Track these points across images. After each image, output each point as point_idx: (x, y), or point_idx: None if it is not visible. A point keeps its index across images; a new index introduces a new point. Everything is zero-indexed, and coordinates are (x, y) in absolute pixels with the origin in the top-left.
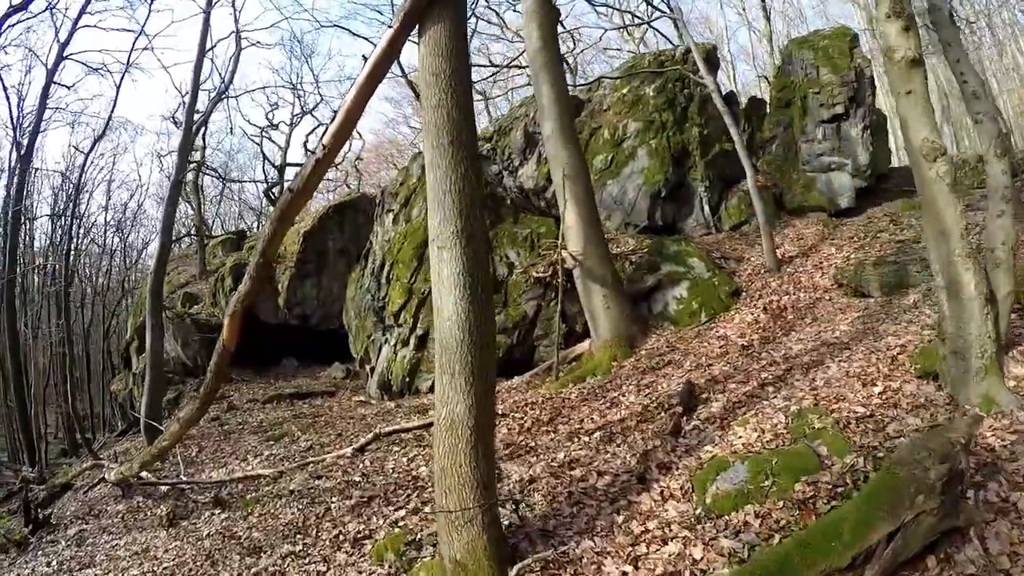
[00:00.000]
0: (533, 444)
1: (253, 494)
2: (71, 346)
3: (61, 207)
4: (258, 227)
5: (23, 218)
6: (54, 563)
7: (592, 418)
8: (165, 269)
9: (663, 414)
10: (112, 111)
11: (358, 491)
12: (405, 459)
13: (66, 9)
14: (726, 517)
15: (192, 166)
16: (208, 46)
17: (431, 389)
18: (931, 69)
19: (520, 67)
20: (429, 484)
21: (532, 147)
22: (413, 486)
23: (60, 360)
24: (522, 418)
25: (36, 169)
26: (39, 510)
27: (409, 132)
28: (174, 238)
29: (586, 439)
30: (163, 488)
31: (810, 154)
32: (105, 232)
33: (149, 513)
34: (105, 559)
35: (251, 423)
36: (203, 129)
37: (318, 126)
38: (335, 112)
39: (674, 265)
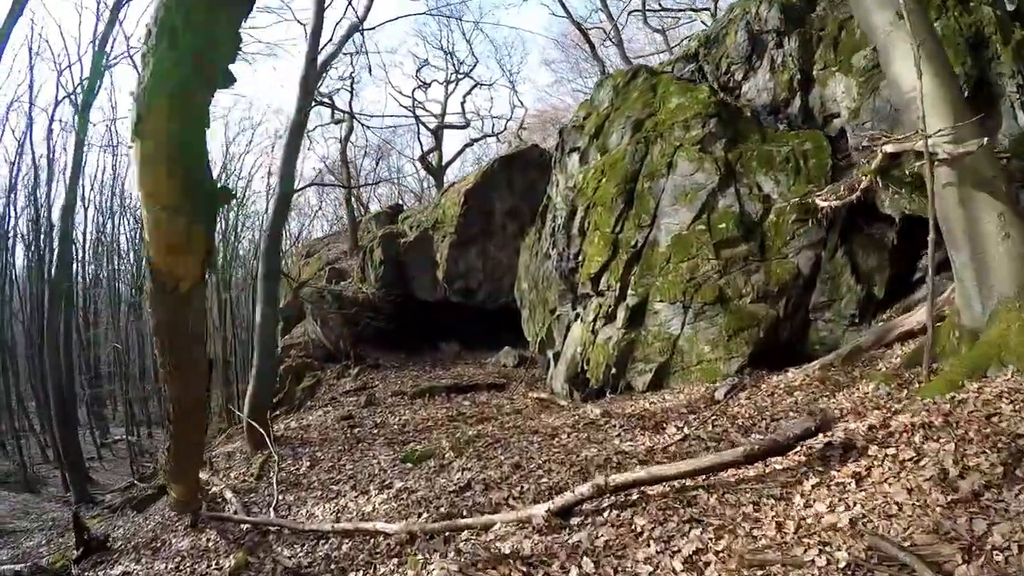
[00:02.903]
0: None
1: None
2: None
3: None
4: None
5: None
6: None
7: None
8: (284, 224)
9: None
10: None
11: None
12: (670, 560)
13: None
14: None
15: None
16: None
17: (652, 387)
18: None
19: None
20: None
21: (761, 52)
22: None
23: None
24: (916, 462)
25: None
26: (142, 508)
27: (572, 101)
28: (297, 187)
29: None
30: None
31: None
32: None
33: (212, 564)
34: None
35: (390, 426)
36: (350, 96)
37: (475, 86)
38: None
39: None
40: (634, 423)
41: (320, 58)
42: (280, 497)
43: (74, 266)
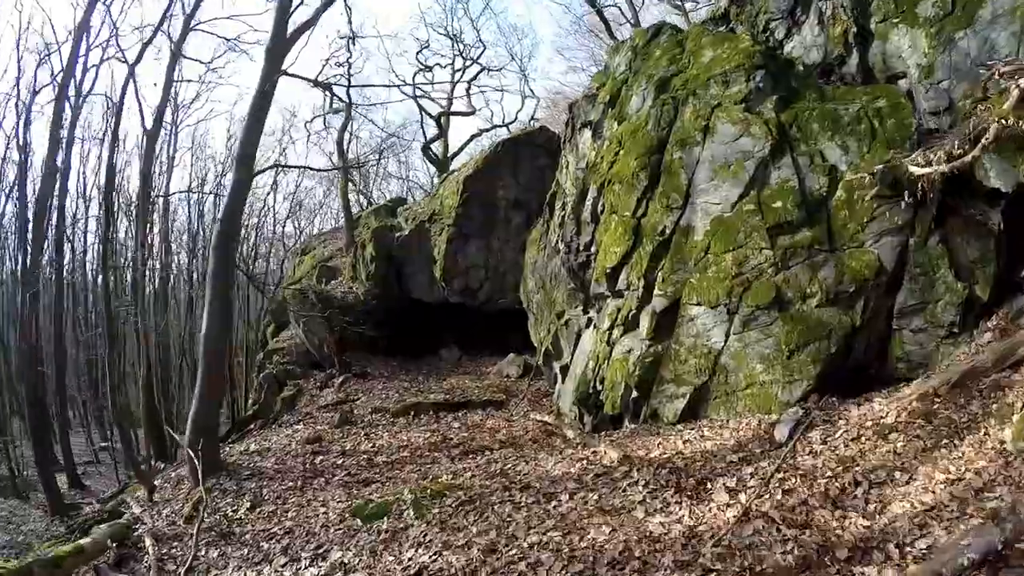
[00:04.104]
0: None
1: None
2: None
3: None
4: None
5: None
6: None
7: None
8: (241, 211)
9: None
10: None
11: None
12: None
13: None
14: None
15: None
16: None
17: (685, 417)
18: None
19: None
20: None
21: (807, 3)
22: None
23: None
24: None
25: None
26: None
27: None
28: (256, 171)
29: None
30: None
31: None
32: (273, 219)
33: None
34: None
35: (359, 455)
36: (347, 83)
37: (482, 70)
38: None
39: None
40: (664, 478)
41: (291, 23)
42: (203, 552)
43: (68, 265)
